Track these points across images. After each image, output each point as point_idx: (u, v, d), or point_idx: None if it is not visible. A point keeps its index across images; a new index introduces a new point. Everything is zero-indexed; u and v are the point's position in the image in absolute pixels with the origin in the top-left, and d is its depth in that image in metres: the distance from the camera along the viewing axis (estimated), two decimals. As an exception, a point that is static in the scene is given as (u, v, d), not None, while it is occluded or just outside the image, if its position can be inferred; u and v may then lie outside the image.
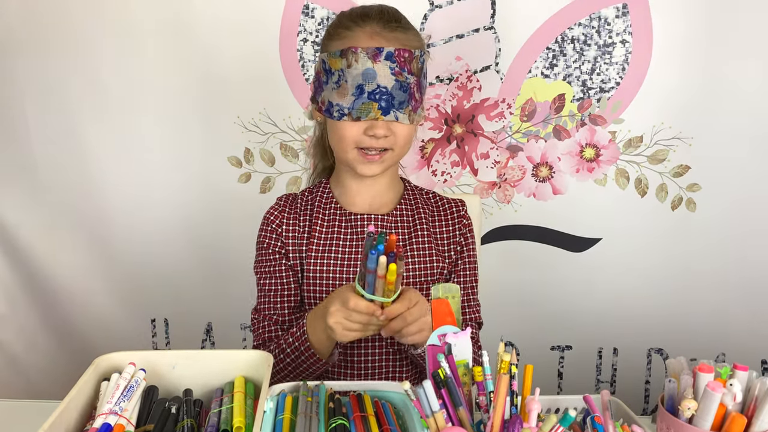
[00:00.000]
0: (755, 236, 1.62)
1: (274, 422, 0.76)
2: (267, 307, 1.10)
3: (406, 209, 1.14)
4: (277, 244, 1.10)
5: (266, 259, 1.11)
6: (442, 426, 0.68)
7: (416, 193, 1.17)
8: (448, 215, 1.16)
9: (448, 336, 0.76)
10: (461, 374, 0.76)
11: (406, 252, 1.09)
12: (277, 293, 1.10)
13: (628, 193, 1.62)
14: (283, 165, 1.67)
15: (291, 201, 1.15)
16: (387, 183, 1.13)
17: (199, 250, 1.74)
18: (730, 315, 1.68)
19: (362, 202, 1.12)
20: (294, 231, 1.11)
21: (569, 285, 1.69)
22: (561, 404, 0.87)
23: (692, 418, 0.74)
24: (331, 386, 0.85)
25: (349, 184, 1.12)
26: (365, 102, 0.99)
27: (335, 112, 1.01)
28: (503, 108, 1.60)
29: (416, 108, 1.03)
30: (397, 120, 1.00)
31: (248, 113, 1.64)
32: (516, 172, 1.65)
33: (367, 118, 0.99)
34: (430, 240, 1.12)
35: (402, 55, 0.98)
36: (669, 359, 0.83)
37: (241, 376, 0.86)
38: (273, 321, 1.09)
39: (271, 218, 1.12)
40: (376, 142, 1.01)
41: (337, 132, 1.03)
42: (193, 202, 1.71)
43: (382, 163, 1.05)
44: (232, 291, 1.73)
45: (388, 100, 0.99)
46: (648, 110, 1.56)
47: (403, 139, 1.04)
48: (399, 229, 1.11)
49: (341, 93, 0.99)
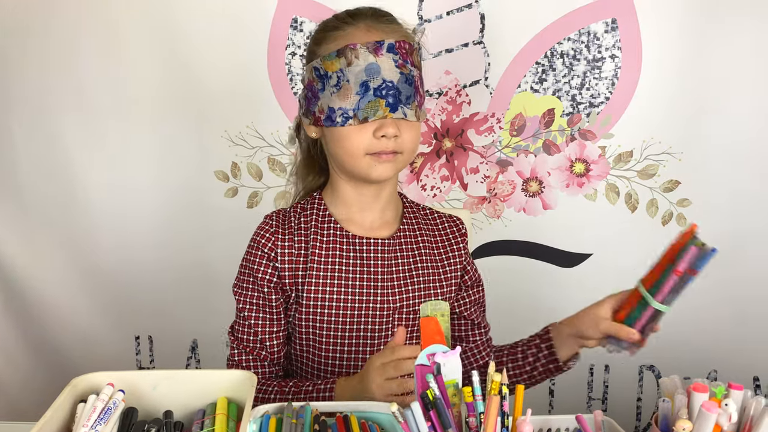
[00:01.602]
0: (745, 251, 1.61)
1: (257, 445, 0.73)
2: (253, 340, 1.02)
3: (409, 231, 1.08)
4: (272, 273, 1.01)
5: (255, 289, 1.03)
6: (431, 449, 0.65)
7: (414, 210, 1.12)
8: (449, 235, 1.11)
9: (437, 355, 0.73)
10: (451, 395, 0.73)
11: (409, 277, 1.05)
12: (265, 330, 1.02)
13: (618, 209, 1.61)
14: (270, 179, 1.65)
15: (282, 220, 1.05)
16: (388, 198, 1.06)
17: (184, 266, 1.71)
18: (721, 331, 1.67)
19: (362, 219, 1.05)
20: (290, 255, 1.02)
21: (560, 301, 1.66)
22: (553, 425, 0.85)
23: (687, 439, 0.72)
24: (317, 407, 0.82)
25: (349, 198, 1.04)
26: (372, 100, 0.92)
27: (338, 117, 0.94)
28: (493, 122, 1.60)
29: (421, 104, 0.98)
30: (406, 117, 0.94)
31: (236, 127, 1.62)
32: (506, 187, 1.64)
33: (375, 117, 0.93)
34: (433, 264, 1.07)
35: (403, 47, 0.94)
36: (662, 378, 0.82)
37: (223, 397, 0.83)
38: (259, 357, 1.03)
39: (263, 241, 1.02)
40: (386, 143, 0.94)
41: (345, 141, 0.96)
42: (178, 216, 1.68)
43: (395, 165, 0.98)
44: (218, 308, 1.69)
45: (396, 96, 0.93)
46: (638, 125, 1.56)
47: (410, 142, 0.97)
48: (401, 253, 1.05)
49: (343, 95, 0.93)
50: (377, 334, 1.03)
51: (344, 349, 1.03)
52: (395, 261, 1.04)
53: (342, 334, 1.02)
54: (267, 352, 1.03)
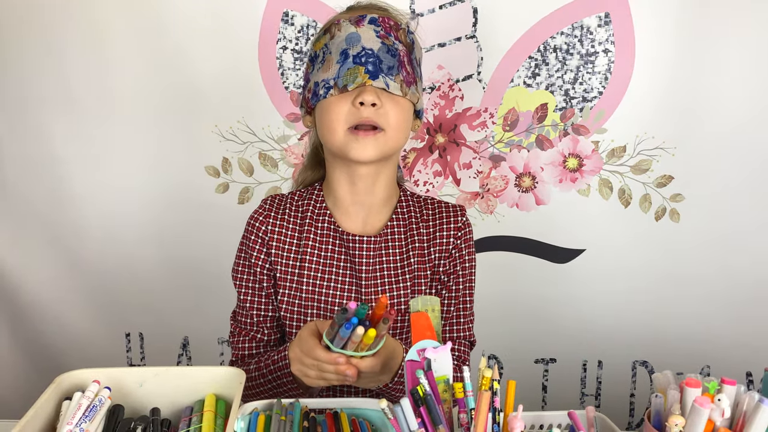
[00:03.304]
0: (739, 247, 1.61)
1: (245, 443, 0.72)
2: (249, 323, 1.04)
3: (400, 226, 1.06)
4: (264, 258, 1.03)
5: (249, 272, 1.04)
6: (421, 446, 0.64)
7: (413, 203, 1.09)
8: (443, 223, 1.06)
9: (427, 351, 0.72)
10: (441, 391, 0.73)
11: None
12: (259, 312, 1.04)
13: (611, 204, 1.60)
14: (262, 175, 1.63)
15: (278, 204, 1.06)
16: (383, 195, 1.04)
17: (175, 262, 1.69)
18: (714, 326, 1.67)
19: (356, 215, 1.04)
20: (280, 239, 1.03)
21: (553, 297, 1.67)
22: (545, 420, 0.85)
23: (680, 435, 0.72)
24: (307, 404, 0.82)
25: (342, 192, 1.03)
26: (351, 67, 0.92)
27: (321, 89, 0.94)
28: (485, 117, 1.59)
29: (409, 82, 0.95)
30: (388, 88, 0.92)
31: (226, 122, 1.61)
32: (499, 183, 1.63)
33: (354, 84, 0.91)
34: (421, 260, 1.05)
35: (387, 22, 0.94)
36: (655, 374, 0.81)
37: (211, 394, 0.82)
38: (252, 338, 1.04)
39: (257, 224, 1.04)
40: (366, 112, 0.92)
41: (326, 115, 0.95)
42: (169, 212, 1.66)
43: (376, 143, 0.94)
44: (210, 304, 1.69)
45: (375, 64, 0.92)
46: (631, 120, 1.55)
47: (394, 118, 0.94)
48: (389, 250, 1.04)
49: (326, 67, 0.94)
50: None
51: None
52: (380, 258, 1.04)
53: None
54: (262, 334, 1.04)
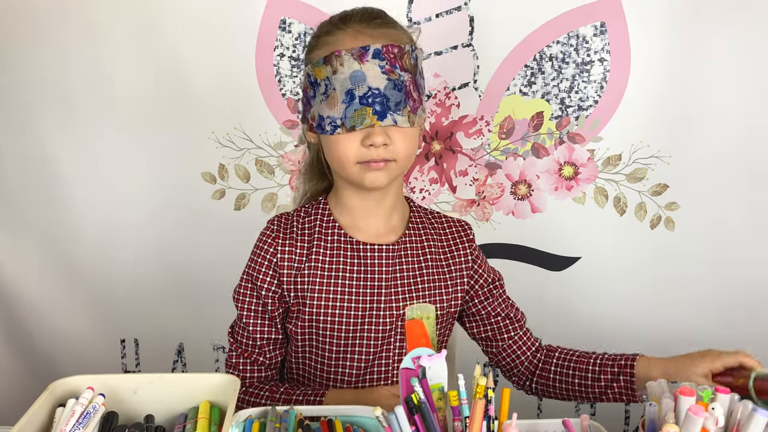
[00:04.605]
0: (733, 255, 1.62)
1: (239, 450, 0.72)
2: (251, 345, 1.02)
3: (415, 236, 1.05)
4: (272, 281, 1.00)
5: (254, 294, 1.02)
6: (415, 454, 0.64)
7: (422, 214, 1.09)
8: (456, 239, 1.08)
9: (422, 359, 0.72)
10: (436, 399, 0.73)
11: (414, 284, 1.03)
12: (263, 336, 1.02)
13: (606, 212, 1.61)
14: (258, 181, 1.63)
15: (285, 224, 1.03)
16: (393, 202, 1.03)
17: (171, 268, 1.69)
18: (708, 334, 1.67)
19: (367, 226, 1.03)
20: (290, 260, 1.00)
21: (548, 304, 1.67)
22: (540, 429, 0.84)
23: (674, 444, 0.72)
24: (301, 411, 0.81)
25: (352, 204, 1.02)
26: (357, 108, 0.90)
27: (327, 125, 0.93)
28: (482, 125, 1.59)
29: (416, 108, 0.94)
30: (396, 124, 0.91)
31: (223, 128, 1.61)
32: (495, 190, 1.63)
33: (362, 126, 0.91)
34: (438, 270, 1.05)
35: (391, 51, 0.91)
36: (650, 382, 0.81)
37: (206, 401, 0.82)
38: (254, 362, 1.03)
39: (265, 247, 1.01)
40: (375, 152, 0.92)
41: (334, 149, 0.94)
42: (165, 218, 1.67)
43: (388, 172, 0.95)
44: (205, 310, 1.69)
45: (383, 103, 0.90)
46: (626, 128, 1.56)
47: (404, 149, 0.94)
48: (406, 259, 1.03)
49: (330, 103, 0.92)
50: (380, 341, 1.01)
51: (347, 357, 1.01)
52: (400, 267, 1.02)
53: (344, 341, 1.00)
54: (264, 357, 1.03)
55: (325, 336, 1.00)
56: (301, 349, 1.03)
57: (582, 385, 1.05)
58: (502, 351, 1.11)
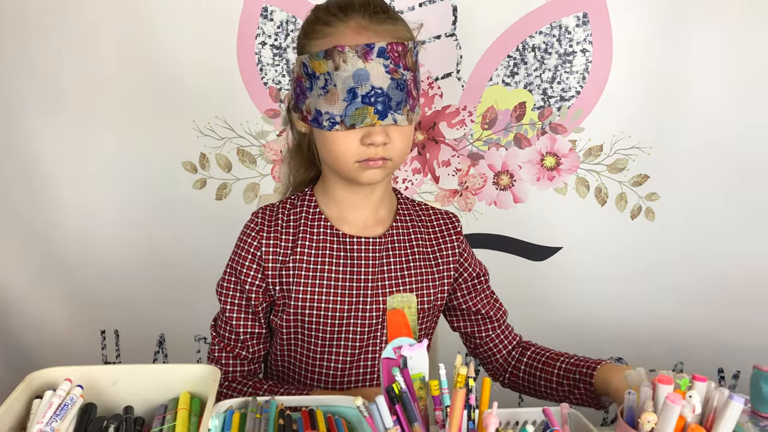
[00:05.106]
0: (713, 246, 1.64)
1: (220, 441, 0.72)
2: (234, 339, 1.01)
3: (402, 228, 1.04)
4: (256, 275, 0.99)
5: (239, 289, 1.00)
6: (396, 443, 0.65)
7: (409, 206, 1.08)
8: (443, 231, 1.08)
9: (403, 348, 0.72)
10: (417, 388, 0.73)
11: (401, 276, 1.02)
12: (246, 330, 1.01)
13: (588, 202, 1.62)
14: (240, 171, 1.62)
15: (270, 216, 1.01)
16: (381, 195, 1.02)
17: (151, 258, 1.68)
18: (688, 323, 1.69)
19: (355, 218, 1.01)
20: (275, 253, 0.98)
21: (529, 294, 1.68)
22: (521, 417, 0.85)
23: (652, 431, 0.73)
24: (282, 402, 0.81)
25: (340, 197, 1.01)
26: (359, 107, 0.88)
27: (325, 121, 0.90)
28: (464, 116, 1.59)
29: (414, 107, 0.93)
30: (396, 123, 0.90)
31: (204, 117, 1.59)
32: (477, 180, 1.63)
33: (362, 124, 0.89)
34: (425, 263, 1.04)
35: (395, 50, 0.87)
36: (629, 371, 0.82)
37: (186, 392, 0.81)
38: (236, 356, 1.01)
39: (249, 240, 0.99)
40: (375, 151, 0.91)
41: (332, 145, 0.92)
42: (145, 207, 1.65)
43: (385, 170, 0.94)
44: (187, 301, 1.67)
45: (385, 102, 0.88)
46: (608, 119, 1.57)
47: (401, 148, 0.93)
48: (394, 251, 1.02)
49: (330, 99, 0.88)
50: (366, 335, 1.00)
51: (332, 350, 1.00)
52: (387, 260, 1.02)
53: (330, 335, 1.00)
54: (247, 351, 1.01)
55: (310, 329, 1.00)
56: (286, 343, 1.03)
57: (548, 387, 1.05)
58: (481, 346, 1.12)
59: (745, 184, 1.59)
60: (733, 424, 0.71)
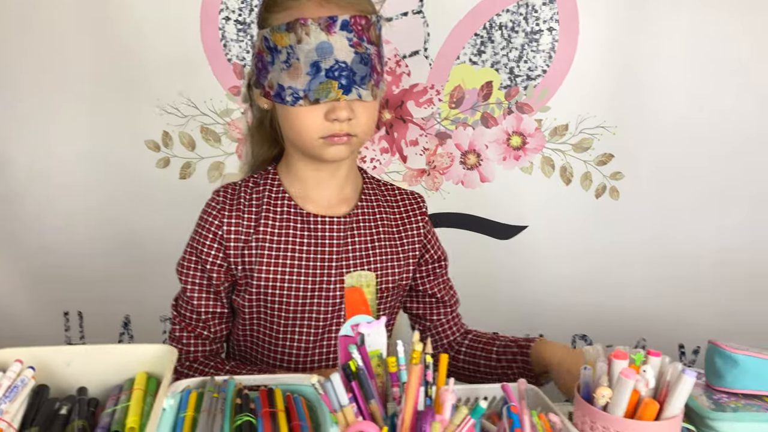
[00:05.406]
0: (676, 224, 1.66)
1: (175, 421, 0.71)
2: (195, 318, 0.99)
3: (367, 207, 1.03)
4: (217, 255, 0.97)
5: (199, 268, 0.98)
6: (352, 420, 0.64)
7: (374, 185, 1.07)
8: (408, 211, 1.07)
9: (361, 326, 0.72)
10: (375, 365, 0.73)
11: (366, 256, 1.01)
12: (208, 310, 0.99)
13: (553, 182, 1.63)
14: (204, 149, 1.60)
15: (232, 195, 0.99)
16: (346, 173, 1.00)
17: (115, 239, 1.65)
18: (652, 301, 1.72)
19: (319, 197, 1.00)
20: (237, 233, 0.96)
21: (495, 272, 1.69)
22: (480, 393, 0.85)
23: (607, 405, 0.74)
24: (241, 381, 0.80)
25: (304, 174, 0.99)
26: (323, 81, 0.86)
27: (288, 96, 0.88)
28: (432, 94, 1.58)
29: (378, 82, 0.91)
30: (361, 98, 0.88)
31: (167, 95, 1.56)
32: (445, 160, 1.63)
33: (327, 99, 0.87)
34: (391, 242, 1.03)
35: (359, 23, 0.86)
36: (586, 347, 0.83)
37: (143, 372, 0.80)
38: (198, 336, 1.00)
39: (209, 219, 0.97)
40: (339, 126, 0.89)
41: (295, 121, 0.90)
42: (107, 187, 1.62)
43: (350, 146, 0.93)
44: (151, 281, 1.65)
45: (349, 77, 0.87)
46: (573, 99, 1.57)
47: (366, 124, 0.92)
48: (359, 231, 1.01)
49: (293, 73, 0.87)
50: (330, 314, 0.99)
51: (295, 330, 0.99)
52: (351, 239, 1.00)
53: (293, 315, 0.98)
54: (209, 331, 1.00)
55: (273, 309, 0.99)
56: (249, 323, 1.02)
57: (487, 367, 1.05)
58: (430, 329, 1.12)
59: (710, 165, 1.61)
60: (686, 398, 0.73)
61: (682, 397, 0.73)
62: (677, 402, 0.73)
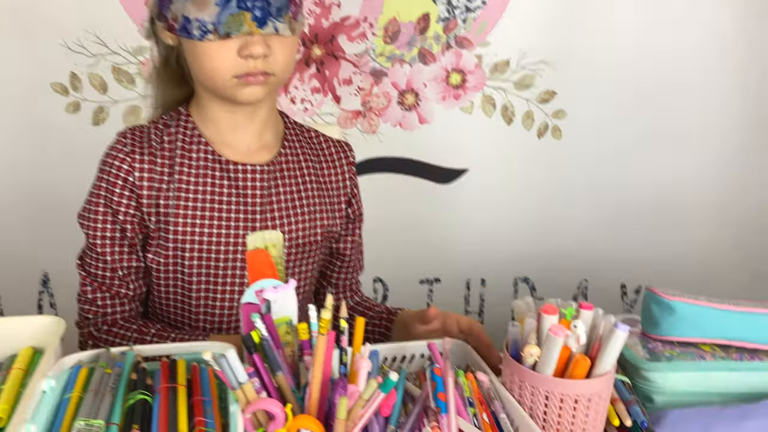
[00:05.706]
0: (618, 163, 1.63)
1: (58, 404, 0.63)
2: (109, 276, 0.89)
3: (291, 155, 0.95)
4: (129, 204, 0.87)
5: (109, 220, 0.88)
6: (253, 398, 0.58)
7: (297, 132, 0.99)
8: (336, 161, 1.00)
9: (266, 291, 0.65)
10: (283, 333, 0.66)
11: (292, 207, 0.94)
12: (123, 265, 0.89)
13: (494, 121, 1.57)
14: (117, 92, 1.46)
15: (140, 138, 0.90)
16: (265, 116, 0.92)
17: (24, 192, 1.51)
18: (593, 242, 1.71)
19: (238, 142, 0.92)
20: (151, 179, 0.88)
21: (436, 217, 1.64)
22: (407, 351, 0.81)
23: (536, 364, 0.69)
24: (141, 351, 0.73)
25: (218, 117, 0.90)
26: (234, 13, 0.78)
27: (195, 29, 0.79)
28: (365, 28, 1.48)
29: (296, 14, 0.83)
30: (277, 32, 0.80)
31: (73, 32, 1.41)
32: (381, 100, 1.54)
33: (239, 33, 0.79)
34: (319, 194, 0.96)
35: None
36: (515, 301, 0.78)
37: (29, 347, 0.72)
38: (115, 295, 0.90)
39: (117, 164, 0.87)
40: (254, 64, 0.81)
41: (205, 58, 0.82)
42: (13, 135, 1.47)
43: (266, 86, 0.85)
44: (67, 236, 1.52)
45: (264, 8, 0.79)
46: (514, 33, 1.50)
47: (283, 61, 0.84)
48: (283, 180, 0.93)
49: (200, 4, 0.78)
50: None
51: (216, 290, 0.91)
52: (276, 189, 0.92)
53: (214, 272, 0.90)
54: (127, 289, 0.91)
55: (191, 267, 0.90)
56: (164, 282, 0.93)
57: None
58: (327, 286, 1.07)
59: (653, 102, 1.57)
60: (618, 353, 0.69)
61: (614, 352, 0.69)
62: (609, 357, 0.69)
